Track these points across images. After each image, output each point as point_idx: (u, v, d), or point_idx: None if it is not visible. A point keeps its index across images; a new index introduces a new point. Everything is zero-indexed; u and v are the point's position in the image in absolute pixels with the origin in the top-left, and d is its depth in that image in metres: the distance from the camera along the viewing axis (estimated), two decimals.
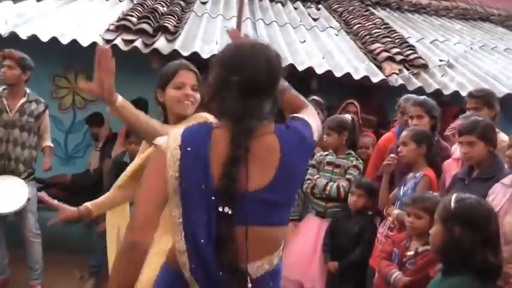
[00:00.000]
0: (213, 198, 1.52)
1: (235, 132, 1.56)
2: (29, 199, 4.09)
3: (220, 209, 1.51)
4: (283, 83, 1.78)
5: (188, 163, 1.55)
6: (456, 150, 3.34)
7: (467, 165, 2.97)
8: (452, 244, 1.99)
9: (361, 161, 4.02)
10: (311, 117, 1.80)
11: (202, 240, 1.52)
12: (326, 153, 4.03)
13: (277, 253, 1.66)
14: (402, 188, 3.34)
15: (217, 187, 1.52)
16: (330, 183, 3.86)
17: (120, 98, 2.06)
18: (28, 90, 4.25)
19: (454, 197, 2.08)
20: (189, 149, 1.56)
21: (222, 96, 1.62)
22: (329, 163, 3.98)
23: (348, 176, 3.89)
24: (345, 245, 3.68)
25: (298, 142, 1.65)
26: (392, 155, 3.53)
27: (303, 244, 3.87)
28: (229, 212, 1.50)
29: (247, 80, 1.58)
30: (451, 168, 3.23)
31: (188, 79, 2.42)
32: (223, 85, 1.62)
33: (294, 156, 1.62)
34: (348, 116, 4.15)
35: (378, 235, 3.46)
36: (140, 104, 3.71)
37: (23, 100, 4.17)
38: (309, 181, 3.92)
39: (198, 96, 2.42)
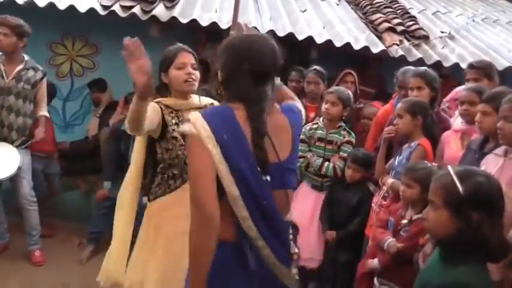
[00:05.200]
0: (258, 169, 1.79)
1: (255, 113, 1.80)
2: (19, 167, 4.08)
3: (264, 178, 1.80)
4: (277, 82, 2.02)
5: (230, 148, 1.75)
6: (456, 122, 3.34)
7: (482, 136, 2.82)
8: (469, 233, 1.66)
9: (353, 134, 3.98)
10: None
11: (264, 202, 1.82)
12: (315, 126, 3.99)
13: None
14: (398, 157, 3.34)
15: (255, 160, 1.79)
16: (326, 164, 3.85)
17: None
18: (26, 57, 4.21)
19: (455, 175, 1.71)
20: (225, 136, 1.75)
21: (236, 82, 1.85)
22: (320, 139, 3.95)
23: (342, 154, 3.87)
24: (342, 215, 3.72)
25: (299, 121, 2.02)
26: (391, 126, 3.51)
27: (300, 215, 3.87)
28: (268, 179, 1.80)
29: (258, 67, 1.82)
30: (450, 139, 3.22)
31: (188, 59, 2.70)
32: (236, 72, 1.84)
33: (299, 131, 2.00)
34: (347, 90, 4.12)
35: (372, 204, 3.49)
36: None
37: (20, 67, 4.14)
38: (302, 159, 3.87)
39: (198, 74, 2.71)
